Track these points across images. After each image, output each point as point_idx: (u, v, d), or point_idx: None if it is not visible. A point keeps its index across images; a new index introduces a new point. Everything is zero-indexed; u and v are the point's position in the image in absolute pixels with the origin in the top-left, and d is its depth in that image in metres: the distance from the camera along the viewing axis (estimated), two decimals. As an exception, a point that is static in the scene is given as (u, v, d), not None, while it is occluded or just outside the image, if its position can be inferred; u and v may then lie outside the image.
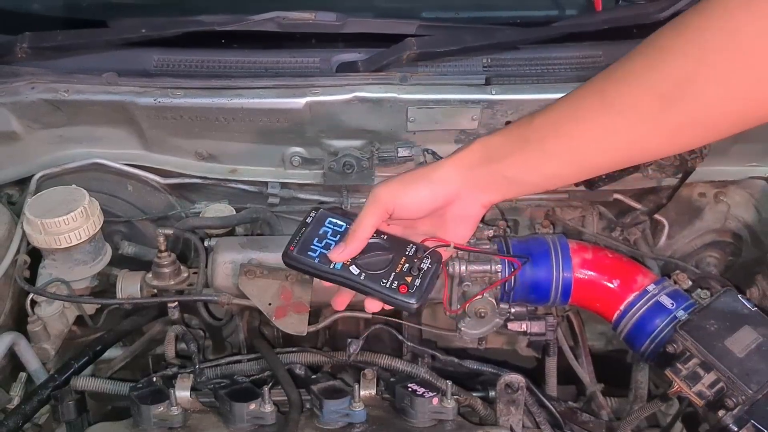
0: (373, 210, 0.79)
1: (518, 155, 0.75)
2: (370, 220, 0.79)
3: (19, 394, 1.07)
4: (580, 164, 0.74)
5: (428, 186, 0.78)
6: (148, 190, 1.22)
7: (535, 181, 0.77)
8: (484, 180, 0.77)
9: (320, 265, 0.81)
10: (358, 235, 0.79)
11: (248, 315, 1.17)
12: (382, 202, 0.78)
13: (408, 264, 0.80)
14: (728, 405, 0.90)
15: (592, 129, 0.71)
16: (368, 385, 1.02)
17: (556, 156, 0.73)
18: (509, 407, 1.02)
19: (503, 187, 0.78)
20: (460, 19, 1.28)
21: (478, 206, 0.80)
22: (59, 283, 1.08)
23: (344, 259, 0.80)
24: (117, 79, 1.10)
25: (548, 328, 1.12)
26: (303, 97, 1.07)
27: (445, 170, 0.78)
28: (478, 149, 0.77)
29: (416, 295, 0.79)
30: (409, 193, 0.78)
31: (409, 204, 0.78)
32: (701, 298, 1.03)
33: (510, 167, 0.75)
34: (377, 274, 0.80)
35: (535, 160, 0.75)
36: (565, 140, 0.72)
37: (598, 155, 0.73)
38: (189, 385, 1.01)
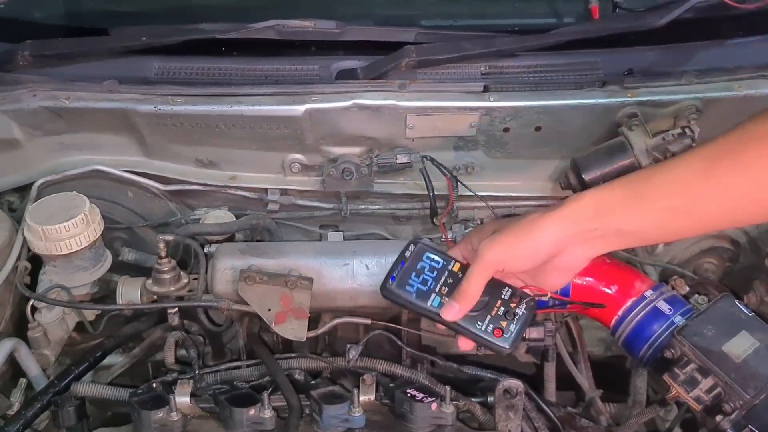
0: (483, 271, 0.80)
1: (637, 210, 0.76)
2: (481, 281, 0.81)
3: (19, 400, 1.07)
4: (702, 221, 0.76)
5: (534, 244, 0.78)
6: (149, 196, 1.22)
7: (649, 234, 0.78)
8: (594, 234, 0.77)
9: (418, 301, 0.84)
10: (469, 296, 0.81)
11: (248, 321, 1.17)
12: (491, 264, 0.80)
13: (503, 308, 0.83)
14: (726, 410, 0.90)
15: (720, 189, 0.72)
16: (367, 391, 1.02)
17: (679, 212, 0.74)
18: (508, 413, 1.02)
19: (613, 241, 0.78)
20: (458, 27, 1.28)
21: (582, 259, 0.80)
22: (60, 289, 1.08)
23: (457, 318, 0.82)
24: (118, 86, 1.10)
25: (547, 333, 1.13)
26: (302, 104, 1.08)
27: (553, 225, 0.78)
28: (590, 204, 0.77)
29: (509, 340, 0.82)
30: (516, 253, 0.79)
31: (516, 264, 0.80)
32: (699, 303, 1.03)
33: (626, 221, 0.76)
34: (474, 316, 0.83)
35: (654, 216, 0.75)
36: (690, 197, 0.74)
37: (722, 213, 0.74)
38: (189, 390, 1.01)
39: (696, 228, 0.79)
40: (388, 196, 1.23)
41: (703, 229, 0.82)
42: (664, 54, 1.18)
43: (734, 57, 1.16)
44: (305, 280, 1.06)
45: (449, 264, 0.86)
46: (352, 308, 1.12)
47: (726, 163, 0.72)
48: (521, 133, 1.13)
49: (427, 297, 0.84)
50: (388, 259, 1.09)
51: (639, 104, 1.09)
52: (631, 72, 1.15)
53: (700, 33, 1.20)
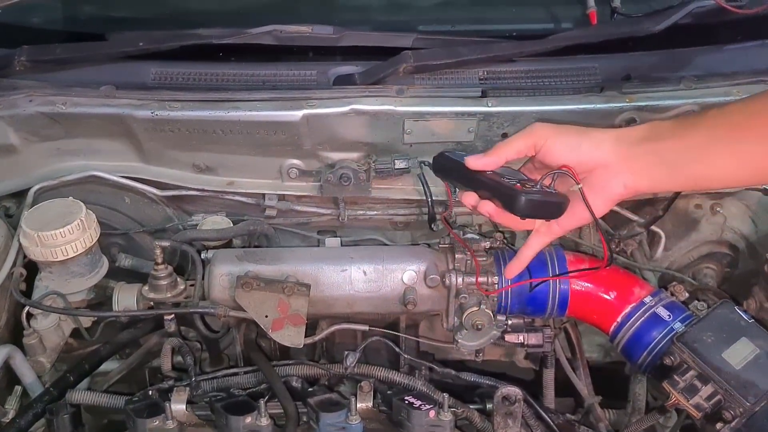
0: (525, 136, 0.79)
1: (685, 138, 0.74)
2: (518, 144, 0.79)
3: (14, 408, 1.07)
4: (746, 162, 0.73)
5: (583, 141, 0.77)
6: (146, 202, 1.22)
7: (691, 172, 0.75)
8: (638, 159, 0.75)
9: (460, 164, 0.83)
10: (501, 151, 0.80)
11: (245, 327, 1.17)
12: (535, 134, 0.79)
13: (530, 183, 0.80)
14: (726, 417, 0.89)
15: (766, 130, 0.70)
16: (365, 398, 1.01)
17: (724, 146, 0.72)
18: (507, 420, 1.01)
19: (655, 172, 0.75)
20: (456, 32, 1.29)
21: (620, 184, 0.77)
22: (55, 295, 1.07)
23: (479, 165, 0.80)
24: (115, 92, 1.10)
25: (546, 339, 1.12)
26: (300, 109, 1.08)
27: (605, 137, 0.77)
28: (646, 128, 0.77)
29: (526, 193, 0.76)
30: (562, 138, 0.78)
31: (558, 149, 0.78)
32: (698, 309, 1.03)
33: (671, 150, 0.74)
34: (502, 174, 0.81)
35: (700, 146, 0.73)
36: (738, 132, 0.72)
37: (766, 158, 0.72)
38: (185, 398, 1.00)
39: (735, 171, 0.74)
40: (385, 202, 1.22)
41: (743, 175, 0.75)
42: (662, 59, 1.18)
43: (732, 62, 1.16)
44: (302, 286, 1.06)
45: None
46: (349, 315, 1.11)
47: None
48: (519, 138, 1.13)
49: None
50: (385, 266, 1.09)
51: (637, 109, 1.09)
52: (629, 77, 1.15)
53: (698, 38, 1.20)
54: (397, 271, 1.09)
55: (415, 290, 1.08)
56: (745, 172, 0.76)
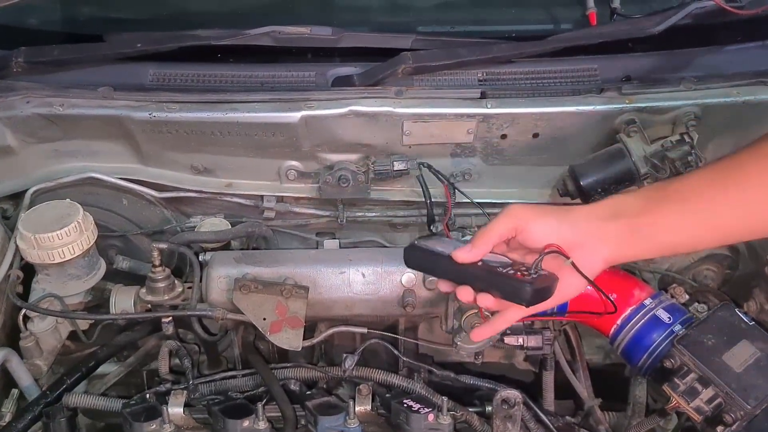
0: (505, 221, 0.79)
1: (655, 213, 0.77)
2: (501, 229, 0.79)
3: (11, 411, 1.06)
4: (717, 228, 0.77)
5: (559, 222, 0.79)
6: (144, 204, 1.22)
7: (666, 241, 0.78)
8: (612, 234, 0.78)
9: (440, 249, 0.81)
10: (485, 239, 0.79)
11: (243, 330, 1.16)
12: (514, 218, 0.79)
13: (524, 268, 0.79)
14: (727, 421, 0.89)
15: (741, 199, 0.74)
16: (363, 401, 1.01)
17: (696, 217, 0.76)
18: (506, 423, 1.01)
19: (630, 243, 0.78)
20: (455, 33, 1.28)
21: (598, 259, 0.79)
22: (52, 298, 1.07)
23: (469, 258, 0.78)
24: (112, 93, 1.10)
25: (545, 342, 1.12)
26: (298, 111, 1.07)
27: (578, 215, 0.79)
28: (608, 205, 0.79)
29: (532, 283, 0.76)
30: (539, 220, 0.79)
31: (536, 232, 0.79)
32: (698, 312, 1.02)
33: (644, 224, 0.77)
34: (496, 264, 0.79)
35: (672, 220, 0.76)
36: (707, 204, 0.75)
37: (737, 223, 0.76)
38: (182, 401, 1.00)
39: (712, 236, 0.79)
40: (384, 204, 1.22)
41: (719, 238, 0.80)
42: (662, 60, 1.18)
43: (732, 63, 1.16)
44: (301, 288, 1.05)
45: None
46: (348, 317, 1.11)
47: (745, 174, 0.73)
48: (519, 139, 1.12)
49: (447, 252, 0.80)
50: (384, 268, 1.09)
51: (637, 111, 1.09)
52: (629, 78, 1.14)
53: (698, 39, 1.19)
54: (395, 273, 1.08)
55: (413, 292, 1.07)
56: (718, 237, 0.80)
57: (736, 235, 0.80)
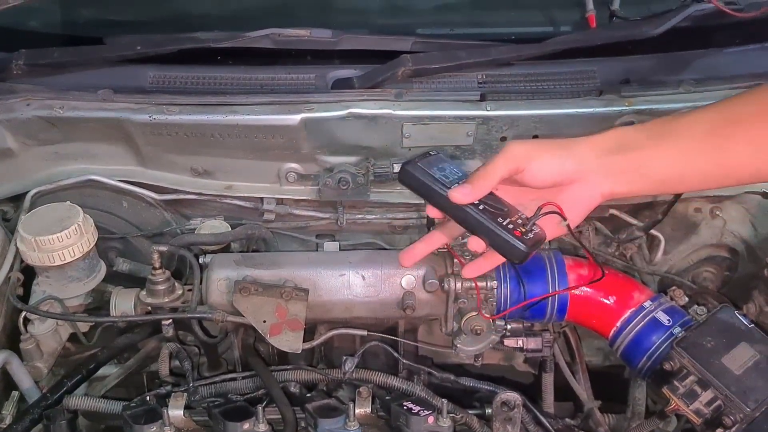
0: (505, 161, 0.74)
1: (659, 148, 0.73)
2: (500, 170, 0.74)
3: (11, 413, 1.06)
4: (725, 166, 0.73)
5: (562, 156, 0.75)
6: (143, 206, 1.22)
7: (669, 175, 0.74)
8: (615, 168, 0.74)
9: (440, 185, 0.76)
10: (486, 180, 0.74)
11: (243, 332, 1.16)
12: (515, 158, 0.74)
13: (521, 220, 0.76)
14: (726, 423, 0.89)
15: (750, 135, 0.70)
16: (363, 404, 1.01)
17: (703, 154, 0.72)
18: (506, 425, 1.01)
19: (632, 179, 0.75)
20: (455, 36, 1.28)
21: (597, 194, 0.76)
22: (53, 300, 1.07)
23: (466, 200, 0.74)
24: (112, 95, 1.10)
25: (545, 344, 1.12)
26: (298, 113, 1.07)
27: (582, 148, 0.75)
28: (613, 137, 0.75)
29: (527, 244, 0.73)
30: (542, 158, 0.75)
31: (538, 170, 0.75)
32: (698, 314, 1.03)
33: (647, 159, 0.73)
34: (494, 212, 0.75)
35: (676, 155, 0.73)
36: (717, 140, 0.71)
37: (747, 162, 0.72)
38: (182, 403, 1.00)
39: (718, 174, 0.74)
40: (384, 206, 1.22)
41: (725, 177, 0.75)
42: (661, 63, 1.18)
43: (731, 65, 1.16)
44: (301, 291, 1.05)
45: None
46: (348, 319, 1.11)
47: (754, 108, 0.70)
48: (518, 142, 1.12)
49: (447, 186, 0.76)
50: (384, 270, 1.09)
51: (636, 113, 1.09)
52: (628, 81, 1.14)
53: (697, 42, 1.20)
54: (395, 275, 1.08)
55: (413, 295, 1.08)
56: (720, 175, 0.76)
57: (744, 174, 0.74)
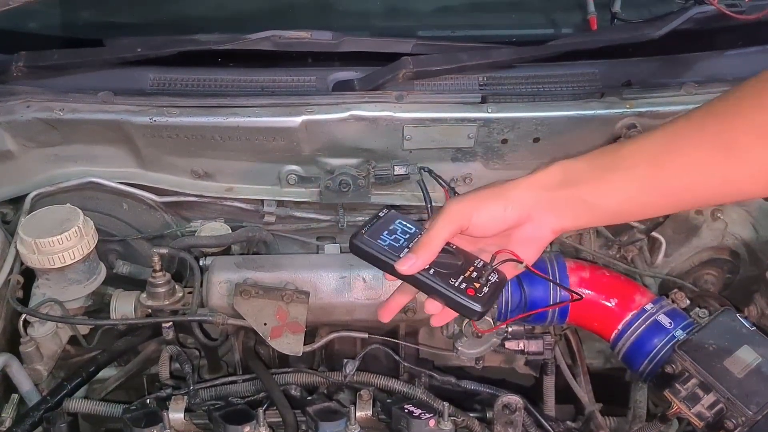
0: (446, 224, 0.75)
1: (604, 181, 0.73)
2: (443, 234, 0.75)
3: (11, 416, 1.05)
4: (669, 195, 0.73)
5: (502, 205, 0.75)
6: (144, 208, 1.21)
7: (616, 208, 0.75)
8: (560, 204, 0.75)
9: (385, 256, 0.76)
10: (430, 248, 0.75)
11: (243, 335, 1.16)
12: (456, 219, 0.75)
13: (476, 273, 0.76)
14: (728, 427, 0.89)
15: (689, 162, 0.71)
16: (364, 407, 1.01)
17: (646, 184, 0.72)
18: (507, 428, 1.01)
19: (579, 213, 0.75)
20: (456, 38, 1.28)
21: (548, 231, 0.77)
22: (53, 303, 1.07)
23: (412, 271, 0.74)
24: (113, 98, 1.10)
25: (546, 347, 1.12)
26: (299, 115, 1.07)
27: (521, 190, 0.75)
28: (557, 172, 0.75)
29: (483, 301, 0.74)
30: (482, 211, 0.75)
31: (482, 223, 0.76)
32: (699, 317, 1.02)
33: (592, 192, 0.74)
34: (446, 273, 0.75)
35: (621, 187, 0.73)
36: (658, 170, 0.72)
37: (690, 189, 0.72)
38: (183, 406, 1.00)
39: (660, 203, 0.75)
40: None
41: (668, 206, 0.77)
42: (662, 65, 1.18)
43: (733, 68, 1.16)
44: (301, 293, 1.05)
45: (421, 232, 0.79)
46: (348, 322, 1.11)
47: (694, 138, 0.70)
48: (519, 144, 1.12)
49: (395, 254, 0.76)
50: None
51: (638, 115, 1.09)
52: (630, 83, 1.14)
53: (698, 44, 1.19)
54: (396, 278, 1.08)
55: (414, 298, 1.07)
56: (668, 204, 0.76)
57: (686, 202, 0.76)
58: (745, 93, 0.69)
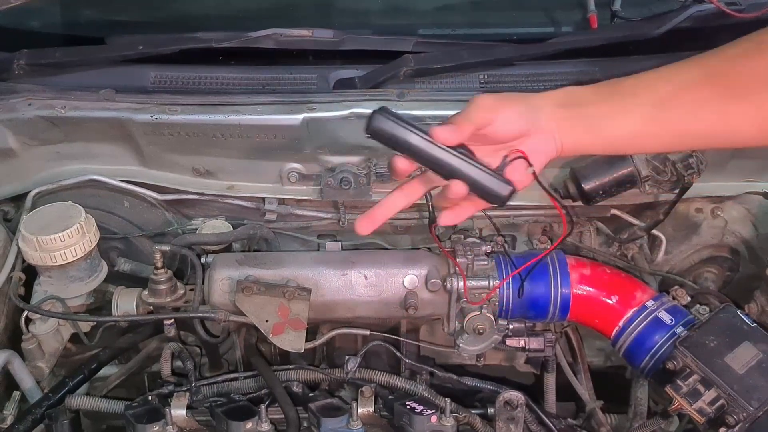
0: (480, 110, 0.75)
1: (602, 104, 0.76)
2: (477, 118, 0.75)
3: (12, 413, 1.06)
4: (666, 125, 0.75)
5: (523, 109, 0.76)
6: (145, 206, 1.21)
7: (616, 133, 0.76)
8: (567, 121, 0.76)
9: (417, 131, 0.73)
10: (466, 124, 0.74)
11: (245, 332, 1.16)
12: (487, 108, 0.75)
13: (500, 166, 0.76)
14: (729, 422, 0.89)
15: (690, 96, 0.72)
16: (366, 403, 1.01)
17: (646, 110, 0.74)
18: (509, 425, 1.01)
19: (580, 131, 0.76)
20: (456, 36, 1.28)
21: (553, 144, 0.77)
22: (54, 300, 1.07)
23: (452, 139, 0.73)
24: (114, 95, 1.10)
25: (547, 344, 1.12)
26: (300, 113, 1.07)
27: (539, 101, 0.78)
28: (565, 92, 0.78)
29: (510, 183, 0.74)
30: (508, 109, 0.76)
31: (508, 121, 0.76)
32: (700, 314, 1.03)
33: (595, 114, 0.76)
34: (471, 156, 0.74)
35: (622, 110, 0.75)
36: (659, 98, 0.73)
37: (688, 122, 0.74)
38: (185, 403, 1.00)
39: (662, 137, 0.77)
40: (386, 206, 1.21)
41: (664, 138, 0.78)
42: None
43: (733, 66, 1.16)
44: (303, 290, 1.05)
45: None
46: (350, 319, 1.11)
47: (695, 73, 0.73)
48: (520, 142, 1.12)
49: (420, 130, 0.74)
50: (386, 270, 1.09)
51: (638, 113, 1.08)
52: (630, 81, 1.14)
53: (698, 42, 1.19)
54: (398, 275, 1.08)
55: (416, 294, 1.08)
56: (667, 139, 0.78)
57: (681, 137, 0.78)
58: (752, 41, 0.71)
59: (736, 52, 0.73)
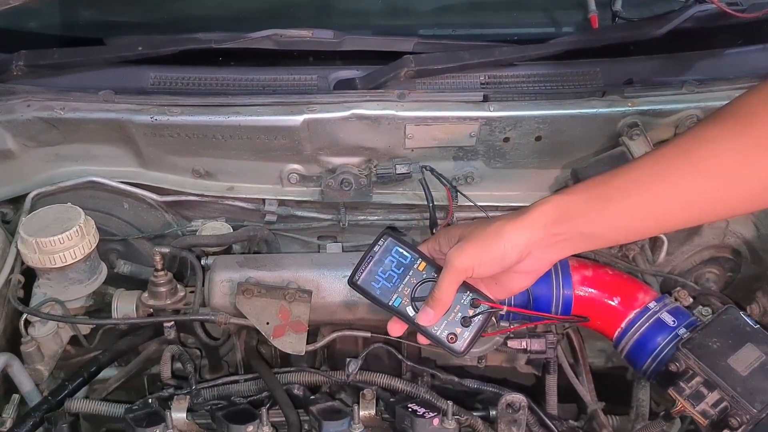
0: (453, 278, 0.82)
1: (598, 213, 0.77)
2: (452, 288, 0.83)
3: (11, 417, 1.05)
4: (660, 220, 0.78)
5: (501, 248, 0.79)
6: (145, 208, 1.21)
7: (612, 235, 0.80)
8: (559, 238, 0.79)
9: (381, 297, 0.88)
10: (443, 302, 0.84)
11: (246, 334, 1.16)
12: (461, 271, 0.82)
13: (461, 313, 0.86)
14: (732, 424, 0.89)
15: (676, 188, 0.74)
16: (368, 406, 1.00)
17: (639, 213, 0.77)
18: (511, 427, 1.00)
19: (577, 245, 0.80)
20: (457, 36, 1.28)
21: (545, 263, 0.82)
22: (54, 302, 1.06)
23: (433, 322, 0.85)
24: (113, 97, 1.09)
25: (548, 345, 1.11)
26: (300, 114, 1.07)
27: (519, 232, 0.79)
28: (553, 209, 0.79)
29: (462, 345, 0.86)
30: (484, 258, 0.80)
31: (483, 269, 0.81)
32: (702, 315, 1.02)
33: (589, 225, 0.78)
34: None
35: (615, 218, 0.77)
36: (648, 198, 0.75)
37: (679, 213, 0.76)
38: (185, 406, 0.99)
39: (656, 227, 0.82)
40: (387, 207, 1.21)
41: (662, 228, 0.86)
42: (664, 63, 1.18)
43: (734, 66, 1.16)
44: (304, 292, 1.05)
45: (415, 262, 0.88)
46: (351, 321, 1.10)
47: (681, 163, 0.74)
48: (521, 142, 1.12)
49: (390, 295, 0.88)
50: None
51: (640, 114, 1.09)
52: (632, 81, 1.14)
53: (699, 42, 1.20)
54: (399, 276, 1.08)
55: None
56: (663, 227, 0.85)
57: (678, 224, 0.81)
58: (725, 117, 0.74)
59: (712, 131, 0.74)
